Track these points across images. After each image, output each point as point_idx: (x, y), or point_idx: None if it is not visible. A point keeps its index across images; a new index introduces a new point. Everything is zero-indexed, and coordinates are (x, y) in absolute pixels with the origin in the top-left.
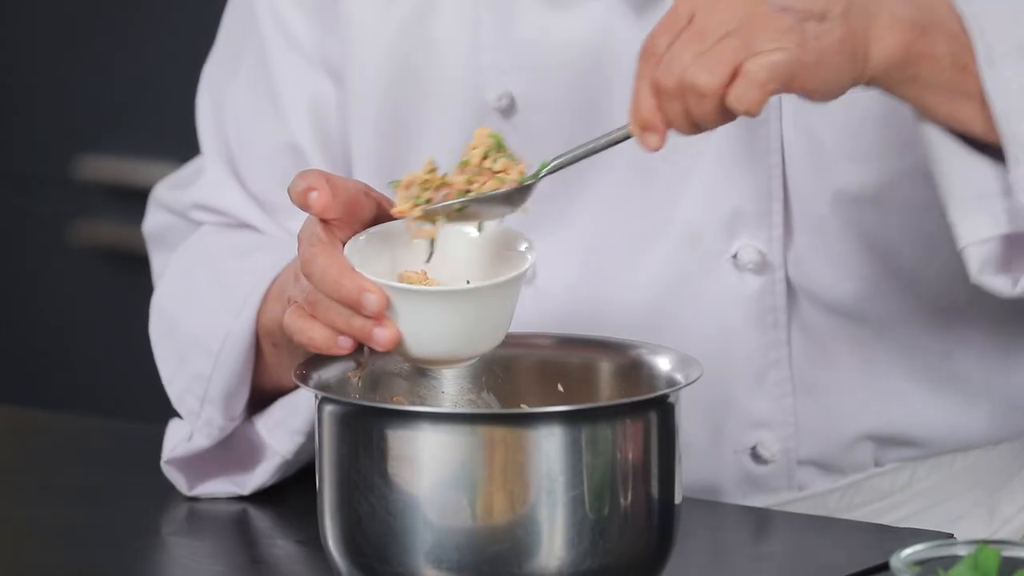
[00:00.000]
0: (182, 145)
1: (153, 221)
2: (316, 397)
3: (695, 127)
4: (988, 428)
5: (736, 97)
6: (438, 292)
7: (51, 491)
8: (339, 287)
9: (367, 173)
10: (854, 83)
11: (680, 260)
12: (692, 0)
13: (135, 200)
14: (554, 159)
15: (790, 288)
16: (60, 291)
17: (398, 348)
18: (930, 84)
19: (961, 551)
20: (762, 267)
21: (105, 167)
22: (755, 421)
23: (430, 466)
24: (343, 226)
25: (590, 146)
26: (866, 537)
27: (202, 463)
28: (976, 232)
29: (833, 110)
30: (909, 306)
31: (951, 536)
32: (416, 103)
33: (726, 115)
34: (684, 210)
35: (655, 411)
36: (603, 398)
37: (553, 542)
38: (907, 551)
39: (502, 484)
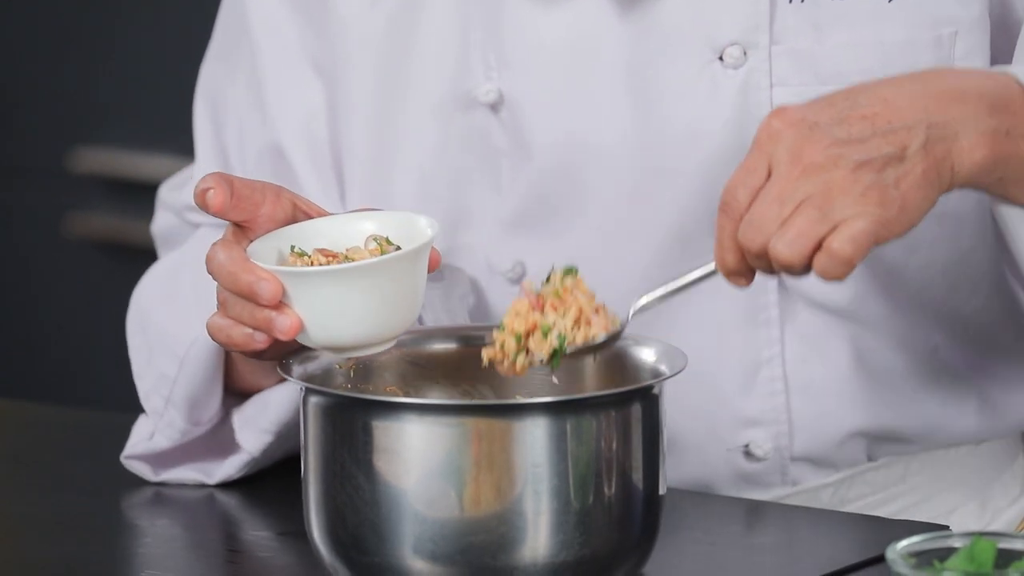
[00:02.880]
0: (177, 138)
1: (159, 221)
2: (301, 388)
3: (771, 274)
4: (977, 424)
5: (822, 271)
6: (330, 271)
7: (44, 483)
8: (236, 280)
9: (358, 172)
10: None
11: (670, 260)
12: (768, 150)
13: (130, 192)
14: (642, 299)
15: (782, 287)
16: (55, 283)
17: (306, 337)
18: (1016, 180)
19: (957, 543)
20: None
21: (100, 159)
22: (747, 419)
23: (415, 457)
24: (256, 228)
25: (678, 284)
26: (861, 529)
27: (170, 453)
28: None
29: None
30: (895, 304)
31: (947, 528)
32: (405, 100)
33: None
34: (673, 210)
35: (639, 402)
36: (589, 389)
37: (538, 532)
38: (903, 543)
39: (487, 475)
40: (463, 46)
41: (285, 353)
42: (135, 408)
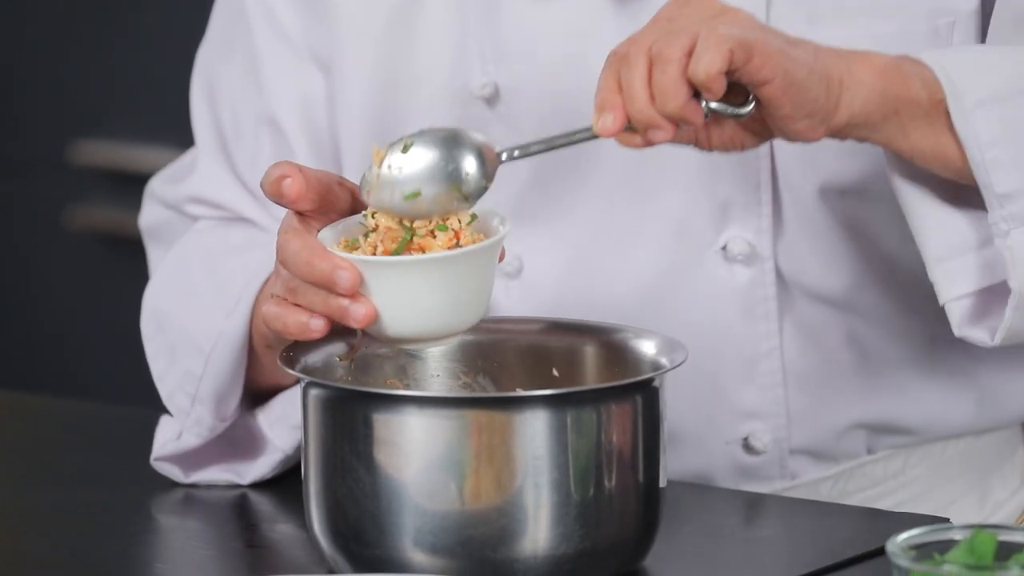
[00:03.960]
0: (179, 130)
1: (148, 215)
2: (302, 381)
3: (653, 102)
4: (977, 415)
5: (695, 59)
6: (409, 261)
7: (46, 476)
8: (312, 268)
9: (356, 164)
10: (826, 118)
11: (669, 252)
12: (670, 9)
13: (131, 185)
14: (514, 147)
15: (780, 279)
16: (56, 276)
17: (378, 328)
18: (912, 119)
19: (957, 535)
20: (751, 258)
21: (101, 152)
22: (746, 412)
23: (416, 450)
24: (318, 216)
25: (551, 138)
26: (861, 522)
27: (200, 452)
28: (954, 289)
29: None
30: (894, 295)
31: (947, 521)
32: (403, 93)
33: (687, 87)
34: (673, 202)
35: (640, 395)
36: (589, 382)
37: (538, 525)
38: (903, 535)
39: (488, 468)
40: (461, 40)
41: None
42: (137, 400)
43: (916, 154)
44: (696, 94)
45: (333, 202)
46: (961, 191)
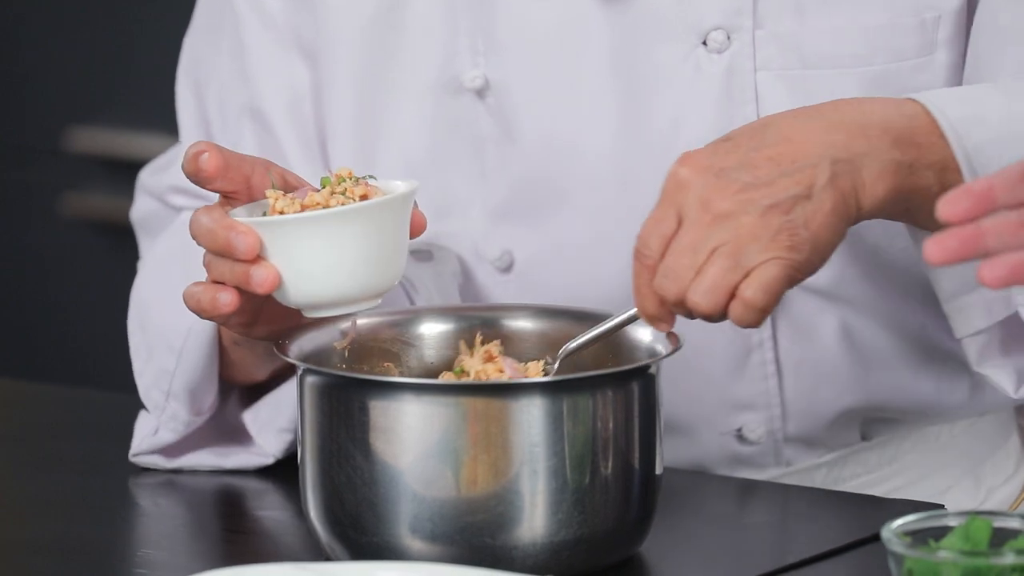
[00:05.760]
0: (174, 118)
1: (138, 207)
2: (298, 368)
3: (689, 318)
4: (969, 400)
5: (737, 319)
6: (306, 217)
7: (38, 462)
8: (215, 236)
9: (342, 155)
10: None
11: None
12: (678, 199)
13: (127, 172)
14: (571, 344)
15: None
16: (51, 263)
17: (284, 293)
18: (921, 210)
19: (952, 522)
20: None
21: (96, 139)
22: (739, 403)
23: (413, 437)
24: (244, 201)
25: (604, 328)
26: (856, 508)
27: (182, 444)
28: (971, 325)
29: (807, 97)
30: (881, 285)
31: (942, 507)
32: (391, 84)
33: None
34: None
35: (636, 382)
36: (586, 369)
37: (535, 512)
38: (898, 522)
39: (485, 455)
40: (451, 32)
41: (274, 333)
42: (131, 387)
43: (924, 229)
44: None
45: (259, 185)
46: None
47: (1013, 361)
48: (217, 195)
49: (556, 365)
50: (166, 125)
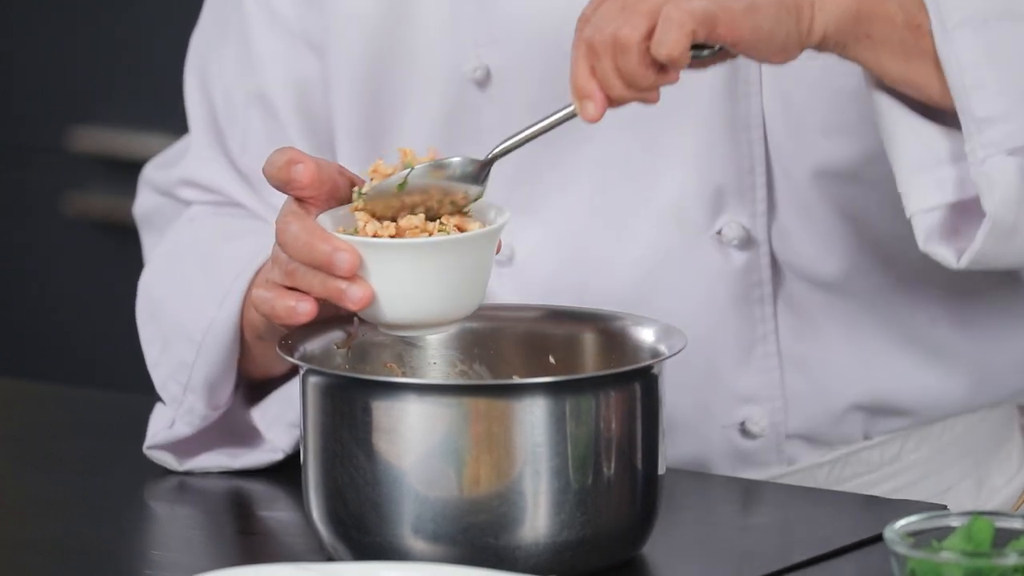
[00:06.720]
0: (176, 117)
1: (142, 202)
2: (301, 369)
3: (628, 87)
4: (973, 395)
5: (656, 42)
6: (409, 244)
7: (42, 462)
8: (312, 250)
9: (349, 148)
10: (801, 44)
11: (664, 238)
12: None
13: (128, 172)
14: (500, 144)
15: (775, 263)
16: (53, 262)
17: (374, 313)
18: (885, 43)
19: (954, 522)
20: (746, 243)
21: (98, 138)
22: (743, 396)
23: (416, 437)
24: (320, 205)
25: (537, 127)
26: (859, 509)
27: (193, 441)
28: (924, 201)
29: (812, 83)
30: (889, 278)
31: (944, 508)
32: (397, 77)
33: (653, 68)
34: (667, 188)
35: (639, 382)
36: (588, 369)
37: (538, 512)
38: (901, 522)
39: (487, 455)
40: (453, 23)
41: (292, 331)
42: (133, 387)
43: (887, 77)
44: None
45: (335, 192)
46: (938, 112)
47: (955, 243)
48: (219, 191)
49: (490, 159)
50: (167, 124)
